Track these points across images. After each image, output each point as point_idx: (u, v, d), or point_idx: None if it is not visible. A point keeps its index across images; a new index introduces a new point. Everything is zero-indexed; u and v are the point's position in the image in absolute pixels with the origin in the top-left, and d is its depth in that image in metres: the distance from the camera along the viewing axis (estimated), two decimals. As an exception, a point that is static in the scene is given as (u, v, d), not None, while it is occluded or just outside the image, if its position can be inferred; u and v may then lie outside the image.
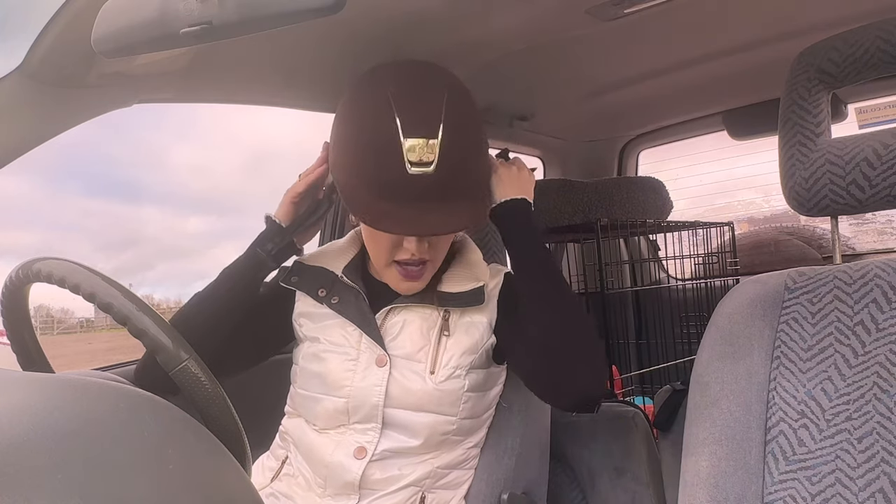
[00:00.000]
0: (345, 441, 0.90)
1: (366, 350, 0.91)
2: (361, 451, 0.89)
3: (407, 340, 0.92)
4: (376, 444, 0.89)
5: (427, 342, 0.92)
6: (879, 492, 0.63)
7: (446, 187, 0.84)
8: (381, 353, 0.91)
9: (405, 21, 1.01)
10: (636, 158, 2.24)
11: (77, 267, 0.55)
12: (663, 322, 1.84)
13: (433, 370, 0.91)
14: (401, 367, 0.90)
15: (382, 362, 0.90)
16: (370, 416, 0.89)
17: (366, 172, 0.85)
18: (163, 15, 0.53)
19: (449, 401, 0.90)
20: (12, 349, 0.64)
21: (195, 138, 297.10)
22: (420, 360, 0.91)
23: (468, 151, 0.88)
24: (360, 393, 0.89)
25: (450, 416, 0.91)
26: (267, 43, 1.00)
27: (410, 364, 0.91)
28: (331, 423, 0.91)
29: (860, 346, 0.70)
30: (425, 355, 0.91)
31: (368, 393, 0.89)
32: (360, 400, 0.89)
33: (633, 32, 1.20)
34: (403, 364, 0.91)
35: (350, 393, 0.90)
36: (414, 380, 0.90)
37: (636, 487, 1.08)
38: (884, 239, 2.14)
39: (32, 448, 0.35)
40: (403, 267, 0.91)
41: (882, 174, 0.72)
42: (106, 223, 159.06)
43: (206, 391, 0.52)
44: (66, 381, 0.43)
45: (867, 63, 0.74)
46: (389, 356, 0.91)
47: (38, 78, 0.81)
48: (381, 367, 0.90)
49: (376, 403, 0.89)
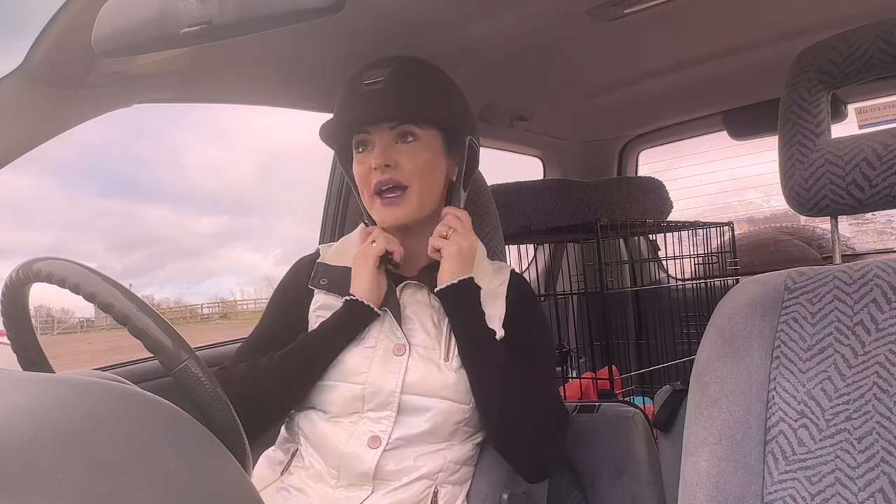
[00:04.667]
0: (358, 430, 0.91)
1: (384, 339, 0.94)
2: (375, 441, 0.90)
3: (422, 328, 0.95)
4: (390, 432, 0.90)
5: (440, 330, 0.96)
6: (879, 492, 0.63)
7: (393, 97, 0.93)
8: (401, 341, 0.93)
9: (405, 21, 1.01)
10: (636, 158, 2.24)
11: (77, 267, 0.55)
12: (663, 322, 1.84)
13: (447, 357, 0.93)
14: (418, 355, 0.93)
15: (401, 351, 0.93)
16: (385, 404, 0.91)
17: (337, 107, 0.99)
18: (163, 15, 0.53)
19: (464, 387, 0.92)
20: (12, 349, 0.64)
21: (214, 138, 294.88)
22: (434, 348, 0.94)
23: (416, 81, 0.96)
24: (377, 380, 0.91)
25: (463, 404, 0.92)
26: (267, 43, 1.00)
27: (427, 352, 0.93)
28: (345, 409, 0.92)
29: (860, 346, 0.70)
30: (438, 342, 0.95)
31: (386, 381, 0.91)
32: (378, 387, 0.91)
33: (633, 32, 1.20)
34: (420, 352, 0.93)
35: (367, 380, 0.91)
36: (430, 366, 0.92)
37: (636, 487, 1.08)
38: (884, 239, 2.14)
39: (32, 448, 0.35)
40: (382, 195, 0.95)
41: (882, 174, 0.72)
42: (120, 223, 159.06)
43: (206, 391, 0.52)
44: (67, 381, 0.43)
45: (867, 63, 0.74)
46: (409, 344, 0.93)
47: (38, 78, 0.81)
48: (400, 356, 0.92)
49: (393, 390, 0.90)
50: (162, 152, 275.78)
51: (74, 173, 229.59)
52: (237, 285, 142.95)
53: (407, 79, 0.95)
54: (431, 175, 0.97)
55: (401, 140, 0.95)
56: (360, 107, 0.95)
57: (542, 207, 1.61)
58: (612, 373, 1.58)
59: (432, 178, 0.98)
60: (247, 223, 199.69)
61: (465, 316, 0.94)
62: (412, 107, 0.95)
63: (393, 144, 0.95)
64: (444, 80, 1.01)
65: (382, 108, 0.94)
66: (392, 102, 0.94)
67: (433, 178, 0.98)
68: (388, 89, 0.93)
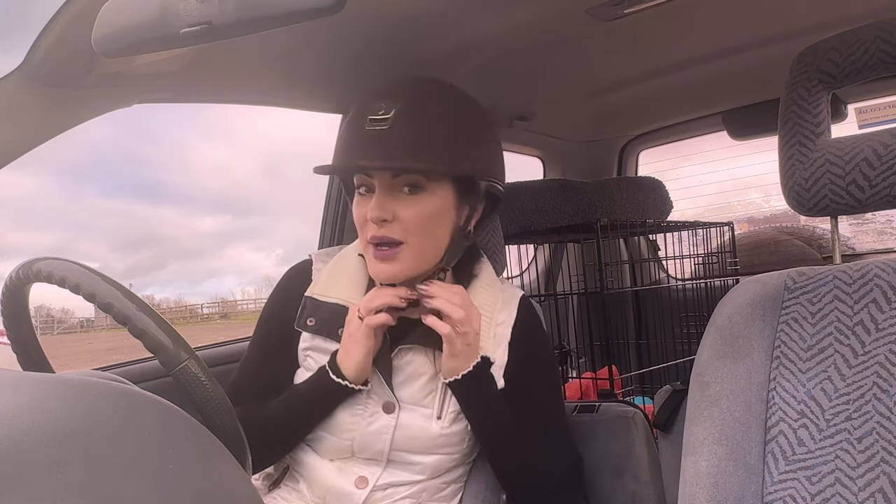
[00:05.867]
0: (348, 469, 0.90)
1: (374, 395, 0.88)
2: (363, 482, 0.89)
3: (416, 386, 0.89)
4: (379, 476, 0.89)
5: (434, 387, 0.90)
6: (879, 492, 0.63)
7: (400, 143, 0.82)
8: (390, 399, 0.88)
9: (405, 21, 1.01)
10: (636, 158, 2.24)
11: (77, 267, 0.55)
12: (663, 322, 1.84)
13: (440, 415, 0.89)
14: (408, 413, 0.89)
15: (390, 409, 0.88)
16: (375, 456, 0.89)
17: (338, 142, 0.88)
18: (163, 15, 0.53)
19: (454, 441, 0.90)
20: (12, 349, 0.64)
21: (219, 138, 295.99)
22: (427, 406, 0.89)
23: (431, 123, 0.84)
24: (365, 438, 0.88)
25: (454, 453, 0.91)
26: (267, 43, 1.00)
27: (418, 409, 0.89)
28: (335, 455, 0.91)
29: (860, 346, 0.70)
30: (432, 400, 0.89)
31: (374, 439, 0.88)
32: (366, 444, 0.88)
33: (633, 32, 1.20)
34: (411, 409, 0.89)
35: (355, 437, 0.88)
36: (421, 425, 0.88)
37: (636, 487, 1.08)
38: (884, 239, 2.14)
39: (32, 448, 0.35)
40: (376, 247, 0.85)
41: (882, 174, 0.72)
42: (124, 223, 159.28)
43: (206, 391, 0.52)
44: (66, 381, 0.43)
45: (867, 63, 0.74)
46: (398, 402, 0.89)
47: (38, 78, 0.81)
48: (389, 414, 0.88)
49: (381, 449, 0.88)
50: (166, 152, 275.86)
51: (77, 173, 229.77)
52: (238, 285, 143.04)
53: (418, 120, 0.83)
54: (434, 230, 0.86)
55: (405, 189, 0.84)
56: (361, 150, 0.83)
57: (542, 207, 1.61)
58: (612, 373, 1.57)
59: (435, 233, 0.86)
60: (250, 223, 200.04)
61: (478, 403, 0.88)
62: (419, 159, 0.82)
63: (395, 193, 0.84)
64: (464, 118, 0.87)
65: (385, 155, 0.82)
66: (396, 151, 0.81)
67: (436, 233, 0.86)
68: (394, 133, 0.81)
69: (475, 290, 0.94)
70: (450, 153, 0.84)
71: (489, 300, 0.95)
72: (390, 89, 0.86)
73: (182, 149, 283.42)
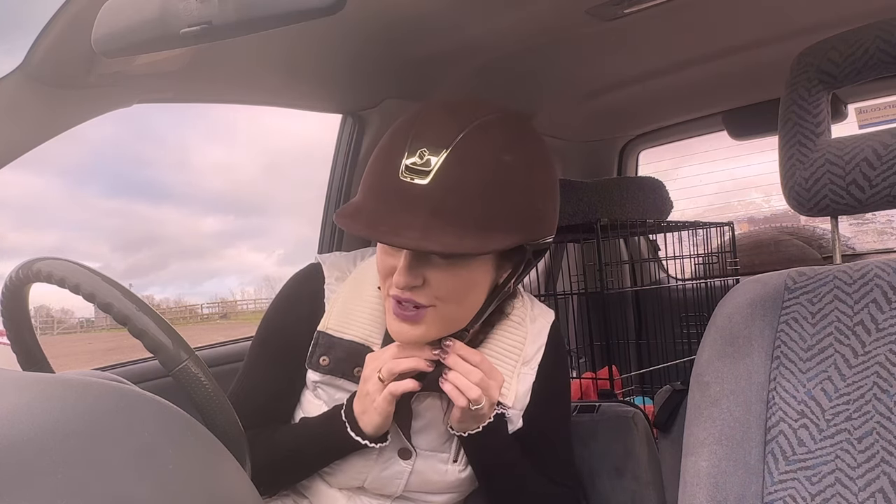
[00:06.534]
0: (358, 500, 0.88)
1: (389, 440, 0.82)
2: None
3: (434, 433, 0.84)
4: None
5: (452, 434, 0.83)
6: (879, 492, 0.63)
7: (440, 208, 0.67)
8: (406, 446, 0.84)
9: (405, 21, 1.01)
10: (636, 158, 2.24)
11: (77, 267, 0.55)
12: (663, 322, 1.84)
13: (456, 459, 0.86)
14: (425, 460, 0.85)
15: (407, 456, 0.84)
16: (388, 493, 0.87)
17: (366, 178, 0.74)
18: (163, 15, 0.53)
19: (469, 481, 0.88)
20: (12, 349, 0.64)
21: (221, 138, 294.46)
22: (444, 451, 0.85)
23: (484, 181, 0.69)
24: (378, 482, 0.85)
25: (467, 491, 0.90)
26: (267, 43, 1.00)
27: (436, 454, 0.85)
28: (344, 486, 0.88)
29: (860, 346, 0.70)
30: (449, 446, 0.85)
31: (388, 482, 0.85)
32: (379, 485, 0.85)
33: (633, 32, 1.20)
34: (427, 455, 0.85)
35: (367, 480, 0.85)
36: (437, 469, 0.85)
37: (636, 487, 1.08)
38: (884, 239, 2.14)
39: (32, 448, 0.35)
40: (397, 303, 0.74)
41: (882, 174, 0.72)
42: (125, 223, 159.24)
43: (206, 391, 0.52)
44: (66, 381, 0.43)
45: (867, 63, 0.74)
46: (415, 449, 0.84)
47: (38, 78, 0.81)
48: (406, 461, 0.84)
49: (394, 491, 0.86)
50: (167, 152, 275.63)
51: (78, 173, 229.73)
52: (239, 285, 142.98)
53: (468, 178, 0.67)
54: (469, 296, 0.75)
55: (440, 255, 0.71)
56: (390, 211, 0.68)
57: (543, 207, 1.61)
58: (612, 373, 1.58)
59: (469, 298, 0.76)
60: (251, 223, 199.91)
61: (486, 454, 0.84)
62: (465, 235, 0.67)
63: (427, 256, 0.72)
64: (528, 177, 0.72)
65: (420, 225, 0.67)
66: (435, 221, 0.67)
67: (470, 298, 0.76)
68: (435, 193, 0.67)
69: (504, 331, 0.86)
70: (505, 227, 0.70)
71: (517, 340, 0.87)
72: (436, 124, 0.70)
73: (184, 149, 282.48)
